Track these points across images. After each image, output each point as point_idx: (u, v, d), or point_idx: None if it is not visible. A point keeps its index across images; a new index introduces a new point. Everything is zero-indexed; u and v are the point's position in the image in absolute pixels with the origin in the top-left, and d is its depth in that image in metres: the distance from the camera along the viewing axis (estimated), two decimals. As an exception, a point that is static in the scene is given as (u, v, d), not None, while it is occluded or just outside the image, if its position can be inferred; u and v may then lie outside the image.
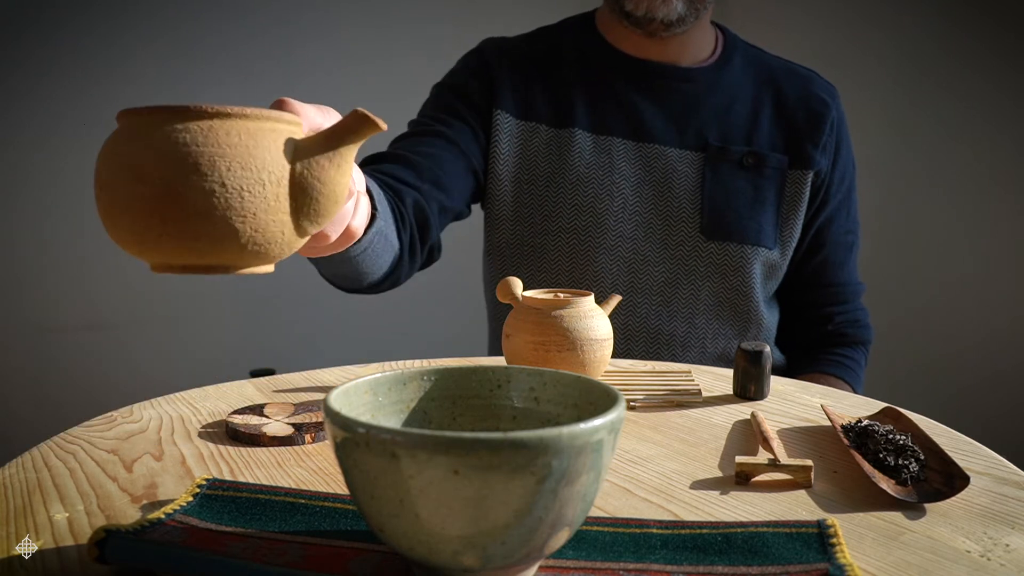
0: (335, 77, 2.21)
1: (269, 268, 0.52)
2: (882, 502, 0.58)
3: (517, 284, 0.85)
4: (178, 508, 0.54)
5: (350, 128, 0.51)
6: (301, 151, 0.51)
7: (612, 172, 1.22)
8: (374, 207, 0.81)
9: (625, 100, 1.24)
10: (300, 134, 0.52)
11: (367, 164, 1.11)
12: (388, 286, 1.06)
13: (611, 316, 0.86)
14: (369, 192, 0.79)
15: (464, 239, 1.83)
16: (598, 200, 1.21)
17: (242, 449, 0.69)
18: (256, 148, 0.49)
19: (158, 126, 0.47)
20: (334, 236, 0.60)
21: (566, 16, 1.34)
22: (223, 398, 0.84)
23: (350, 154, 0.52)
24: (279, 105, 0.56)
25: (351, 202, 0.60)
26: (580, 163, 1.22)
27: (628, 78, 1.24)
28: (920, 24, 1.94)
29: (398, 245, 1.00)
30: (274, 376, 0.93)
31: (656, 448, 0.70)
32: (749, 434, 0.74)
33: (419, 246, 1.09)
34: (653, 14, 1.18)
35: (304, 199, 0.50)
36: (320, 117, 0.57)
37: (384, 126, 0.52)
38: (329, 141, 0.51)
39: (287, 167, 0.50)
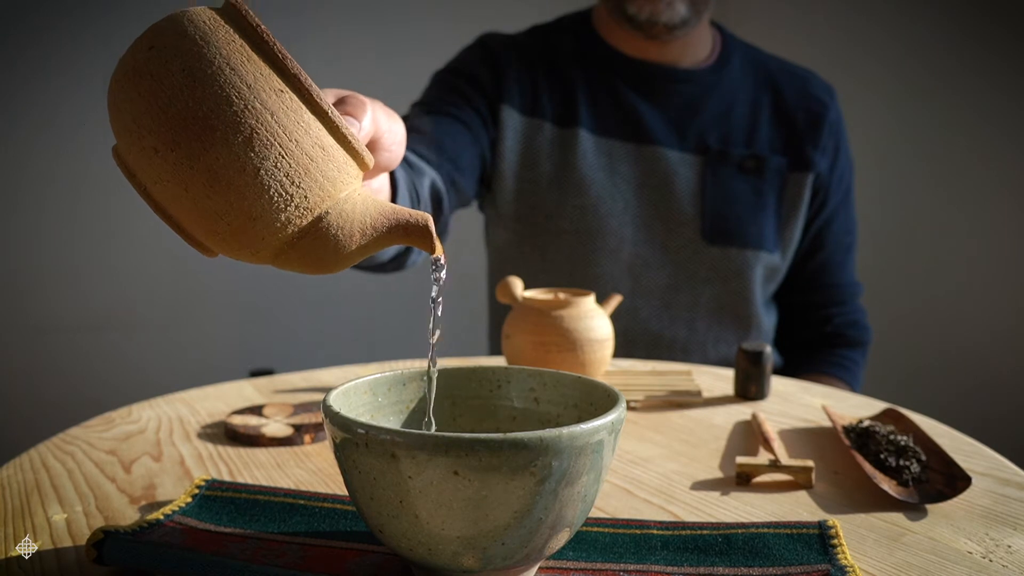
0: (327, 74, 2.21)
1: (213, 255, 0.45)
2: (883, 503, 0.58)
3: (517, 284, 0.85)
4: (177, 509, 0.54)
5: (408, 231, 0.45)
6: (347, 202, 0.44)
7: (614, 174, 1.22)
8: (393, 186, 0.77)
9: (626, 102, 1.23)
10: (361, 175, 0.45)
11: None
12: (392, 268, 1.03)
13: (611, 321, 0.86)
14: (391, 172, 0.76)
15: (465, 239, 1.83)
16: (600, 202, 1.21)
17: (241, 450, 0.69)
18: (316, 164, 0.42)
19: (249, 52, 0.41)
20: None
21: (560, 14, 1.33)
22: (222, 398, 0.84)
23: (383, 244, 0.46)
24: (343, 100, 0.51)
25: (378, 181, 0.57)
26: (583, 164, 1.21)
27: (628, 79, 1.24)
28: (920, 23, 1.94)
29: None
30: (273, 376, 0.93)
31: (657, 449, 0.70)
32: (750, 435, 0.74)
33: None
34: (656, 18, 1.17)
35: (308, 243, 0.43)
36: (386, 122, 0.55)
37: (439, 252, 0.47)
38: (379, 220, 0.45)
39: (324, 204, 0.43)
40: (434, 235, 0.46)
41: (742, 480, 0.62)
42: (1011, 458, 0.67)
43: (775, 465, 0.62)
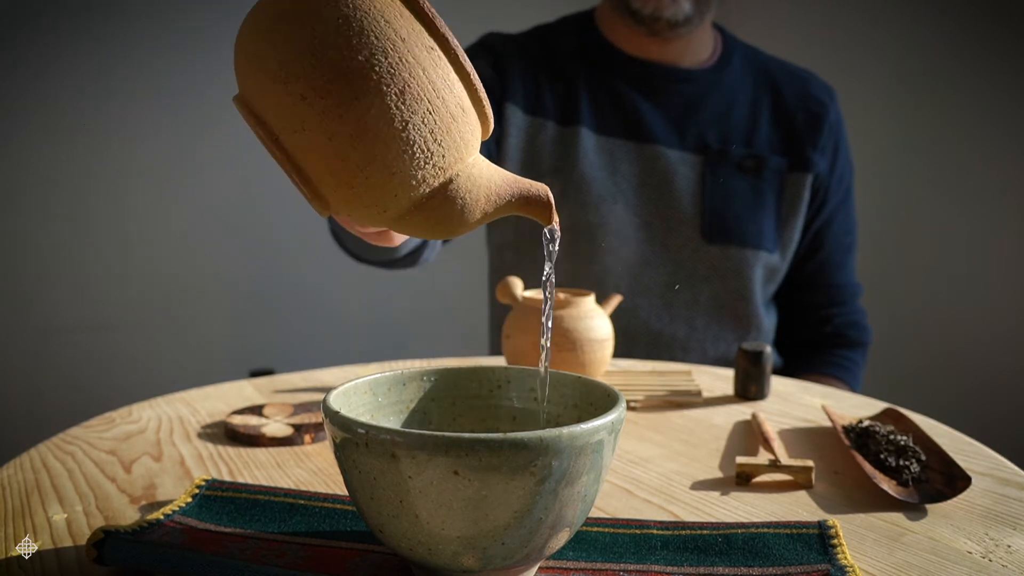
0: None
1: (327, 212, 0.44)
2: (883, 503, 0.58)
3: (517, 284, 0.85)
4: (177, 509, 0.54)
5: (530, 201, 0.46)
6: (475, 166, 0.44)
7: (614, 173, 1.22)
8: None
9: (626, 101, 1.23)
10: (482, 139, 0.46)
11: None
12: (407, 263, 1.02)
13: (611, 319, 0.86)
14: None
15: (465, 239, 1.83)
16: (602, 201, 1.21)
17: (241, 450, 0.69)
18: (457, 124, 0.41)
19: (400, 6, 0.41)
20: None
21: (563, 14, 1.34)
22: (222, 398, 0.84)
23: (503, 213, 0.46)
24: None
25: None
26: (584, 163, 1.21)
27: (629, 79, 1.24)
28: (920, 23, 1.94)
29: None
30: (273, 376, 0.93)
31: (656, 449, 0.70)
32: (750, 434, 0.74)
33: None
34: (660, 13, 1.17)
35: (436, 205, 0.43)
36: None
37: (555, 224, 0.47)
38: (503, 188, 0.45)
39: (457, 165, 0.42)
40: (553, 206, 0.46)
41: (742, 480, 0.62)
42: (1011, 458, 0.67)
43: (775, 465, 0.62)
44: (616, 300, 0.90)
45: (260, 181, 2.13)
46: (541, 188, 0.46)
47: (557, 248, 0.50)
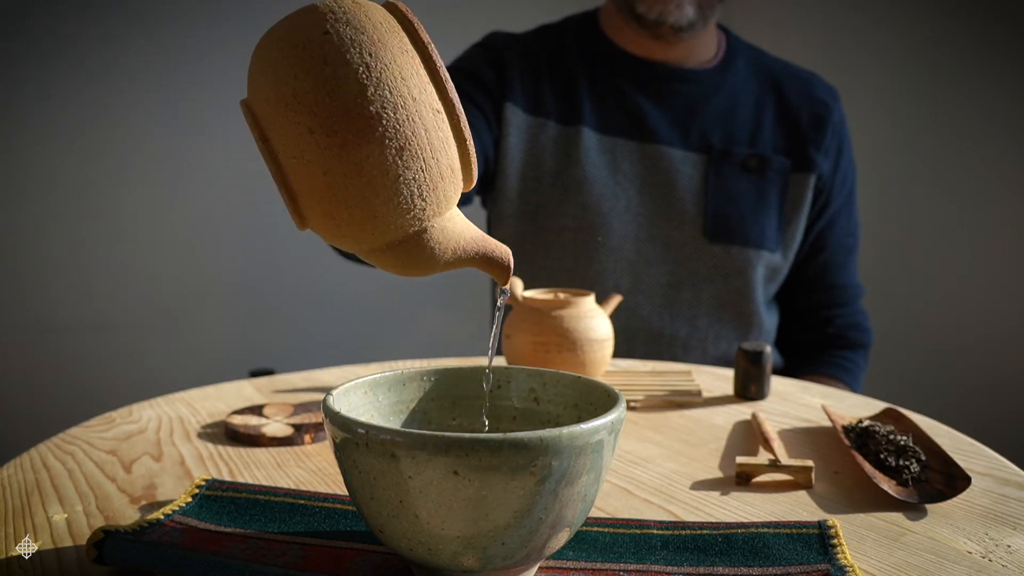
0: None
1: (304, 228, 0.46)
2: (883, 503, 0.58)
3: (517, 284, 0.85)
4: (177, 509, 0.54)
5: (492, 262, 0.49)
6: (450, 220, 0.46)
7: (616, 172, 1.22)
8: None
9: (630, 101, 1.24)
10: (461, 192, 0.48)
11: None
12: None
13: (613, 317, 0.86)
14: None
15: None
16: (603, 200, 1.21)
17: (241, 450, 0.69)
18: (444, 183, 0.44)
19: (417, 65, 0.42)
20: None
21: (567, 14, 1.34)
22: (222, 398, 0.84)
23: (464, 265, 0.49)
24: None
25: None
26: (586, 162, 1.22)
27: (633, 79, 1.24)
28: (922, 24, 1.94)
29: None
30: (273, 376, 0.93)
31: (656, 449, 0.70)
32: (750, 434, 0.74)
33: None
34: (664, 18, 1.18)
35: (406, 249, 0.45)
36: None
37: (508, 285, 0.51)
38: (470, 244, 0.48)
39: (434, 219, 0.45)
40: (511, 269, 0.50)
41: (742, 480, 0.62)
42: (1011, 458, 0.67)
43: (775, 465, 0.62)
44: (616, 300, 0.90)
45: (260, 181, 2.13)
46: (504, 252, 0.49)
47: (504, 304, 0.54)
